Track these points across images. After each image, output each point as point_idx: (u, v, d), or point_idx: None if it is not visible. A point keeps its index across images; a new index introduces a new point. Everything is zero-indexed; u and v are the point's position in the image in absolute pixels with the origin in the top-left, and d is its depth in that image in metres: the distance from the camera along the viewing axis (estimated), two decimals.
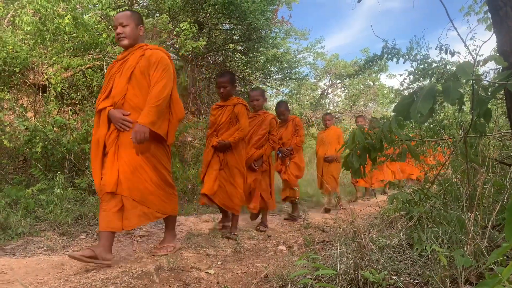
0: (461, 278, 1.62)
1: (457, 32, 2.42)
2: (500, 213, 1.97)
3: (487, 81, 1.98)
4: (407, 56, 5.56)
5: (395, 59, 5.58)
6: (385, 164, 7.13)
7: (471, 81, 1.65)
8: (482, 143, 2.98)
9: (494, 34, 2.27)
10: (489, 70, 4.74)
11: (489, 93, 1.95)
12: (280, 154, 5.32)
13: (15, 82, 5.73)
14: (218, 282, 2.42)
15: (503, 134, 3.27)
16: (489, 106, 2.01)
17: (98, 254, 2.60)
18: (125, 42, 2.86)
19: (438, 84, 1.62)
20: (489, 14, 4.22)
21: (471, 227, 1.79)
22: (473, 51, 4.23)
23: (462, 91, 1.71)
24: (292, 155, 5.36)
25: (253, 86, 11.69)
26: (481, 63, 1.97)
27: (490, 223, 1.84)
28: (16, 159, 5.22)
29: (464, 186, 2.29)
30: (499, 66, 2.96)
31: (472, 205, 2.03)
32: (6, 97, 5.46)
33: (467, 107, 5.00)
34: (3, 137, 4.85)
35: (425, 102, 1.43)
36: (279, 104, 5.59)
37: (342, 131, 7.23)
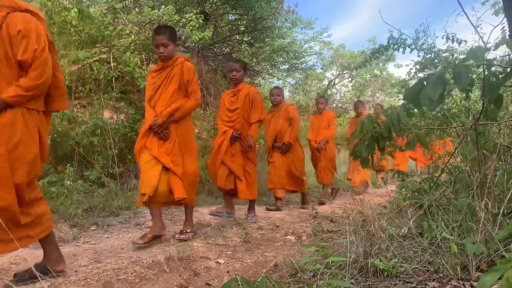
0: (472, 265, 1.62)
1: (467, 17, 2.39)
2: (511, 200, 1.95)
3: (500, 65, 1.94)
4: (413, 46, 5.47)
5: (401, 49, 5.50)
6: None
7: (482, 67, 1.62)
8: (492, 130, 2.95)
9: (504, 19, 2.23)
10: (497, 56, 4.66)
11: (500, 79, 1.92)
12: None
13: None
14: (227, 271, 2.44)
15: None
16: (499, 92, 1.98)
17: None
18: None
19: (447, 71, 1.60)
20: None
21: (482, 215, 1.78)
22: (480, 38, 4.15)
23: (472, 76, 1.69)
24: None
25: (259, 78, 11.64)
26: (492, 48, 1.93)
27: (501, 211, 1.83)
28: None
29: (475, 174, 2.27)
30: (509, 53, 2.91)
31: (483, 193, 2.02)
32: None
33: (475, 95, 4.93)
34: None
35: (435, 88, 1.41)
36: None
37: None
